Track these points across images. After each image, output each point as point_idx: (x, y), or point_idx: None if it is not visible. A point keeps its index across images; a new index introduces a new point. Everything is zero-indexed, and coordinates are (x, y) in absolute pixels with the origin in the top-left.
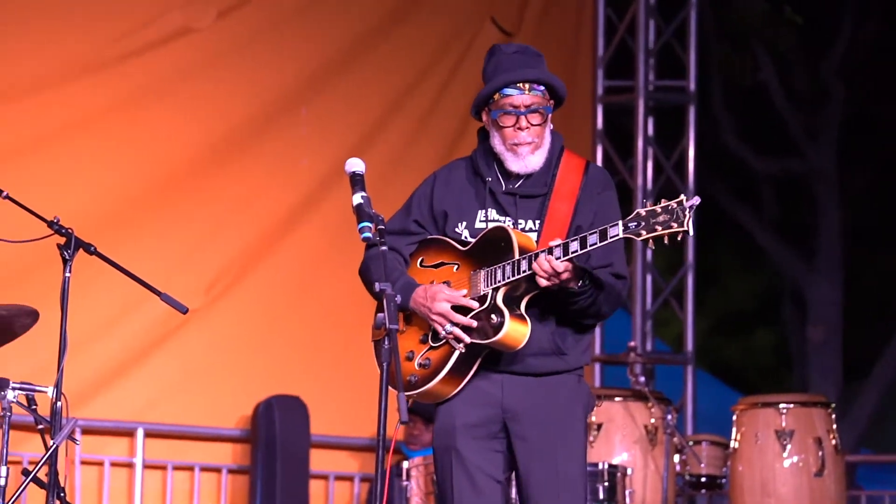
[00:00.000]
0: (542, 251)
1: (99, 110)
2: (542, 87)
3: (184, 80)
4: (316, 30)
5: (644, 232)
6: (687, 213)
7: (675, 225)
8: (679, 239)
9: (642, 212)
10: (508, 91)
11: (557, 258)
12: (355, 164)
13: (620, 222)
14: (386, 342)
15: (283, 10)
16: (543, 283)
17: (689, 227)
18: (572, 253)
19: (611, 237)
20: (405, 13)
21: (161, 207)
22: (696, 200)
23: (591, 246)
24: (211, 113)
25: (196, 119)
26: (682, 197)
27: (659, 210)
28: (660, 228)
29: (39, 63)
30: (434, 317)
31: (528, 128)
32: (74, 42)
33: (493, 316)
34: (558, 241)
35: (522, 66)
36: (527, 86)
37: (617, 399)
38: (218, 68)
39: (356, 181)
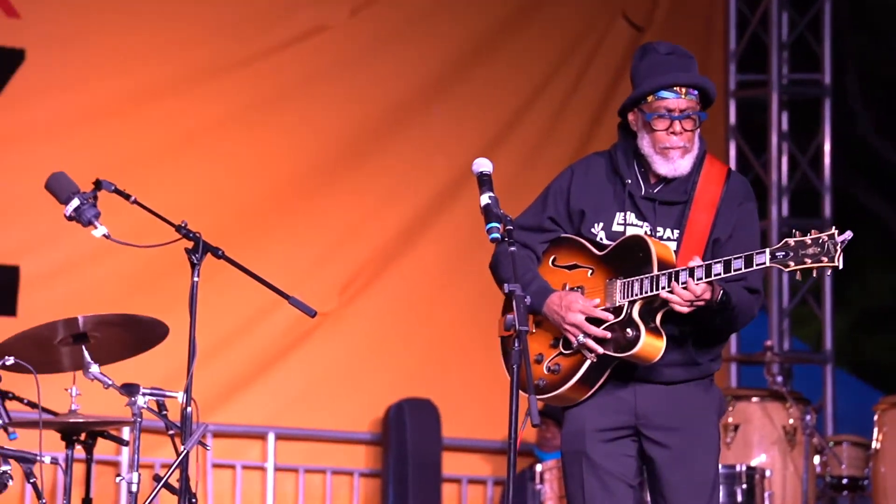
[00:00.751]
0: (682, 270)
1: (227, 114)
2: (696, 92)
3: (316, 79)
4: (447, 27)
5: (792, 263)
6: (838, 247)
7: (825, 259)
8: (829, 274)
9: (791, 242)
10: (664, 94)
11: (699, 279)
12: (482, 165)
13: (768, 251)
14: (515, 345)
15: (414, 7)
16: (679, 309)
17: (840, 262)
18: (714, 276)
19: (757, 265)
20: (535, 9)
21: (293, 210)
22: (848, 235)
23: (735, 271)
24: (343, 113)
25: (328, 120)
26: (834, 230)
27: (809, 242)
28: (809, 261)
29: (167, 68)
30: (567, 326)
31: (681, 133)
32: (202, 45)
33: (628, 330)
34: (699, 262)
35: (679, 69)
36: (683, 90)
37: (754, 400)
38: (350, 67)
39: (484, 181)
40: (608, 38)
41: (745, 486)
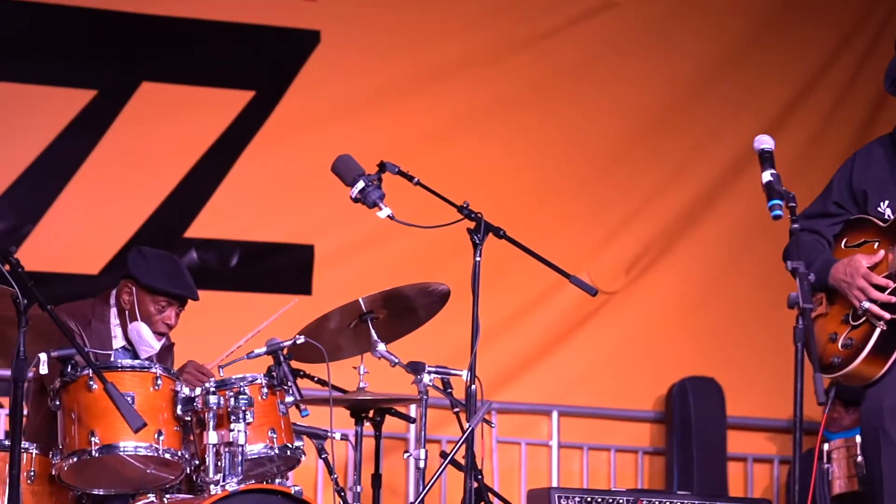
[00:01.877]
0: None
1: (510, 93)
2: None
3: (602, 57)
4: (731, 4)
5: None
6: None
7: None
8: None
9: None
10: None
11: None
12: (764, 141)
13: None
14: (799, 322)
15: None
16: None
17: None
18: None
19: None
20: None
21: (579, 190)
22: None
23: None
24: (629, 91)
25: (613, 98)
26: None
27: None
28: None
29: (454, 47)
30: (855, 292)
31: None
32: (488, 24)
33: None
34: None
35: None
36: None
37: None
38: (637, 43)
39: (765, 158)
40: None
41: None
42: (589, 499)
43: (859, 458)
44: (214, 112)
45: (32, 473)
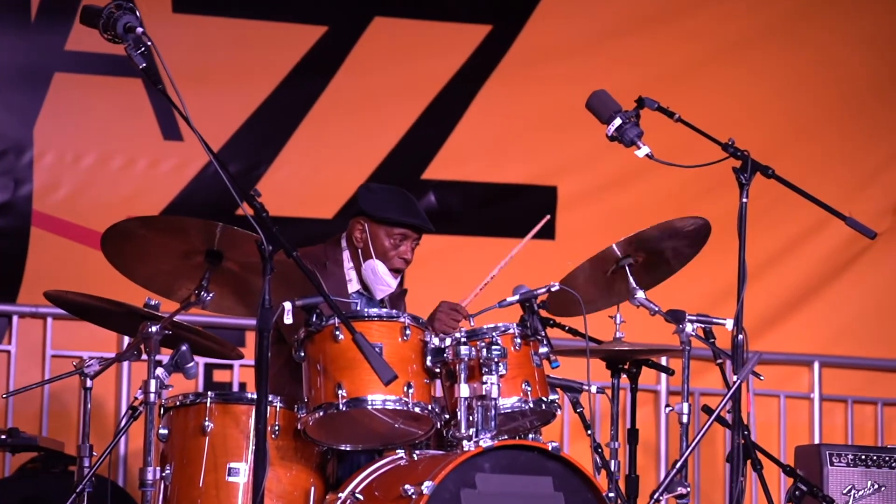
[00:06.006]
0: None
1: (771, 23)
2: None
3: None
4: None
5: None
6: None
7: None
8: None
9: None
10: None
11: None
12: None
13: None
14: None
15: None
16: None
17: None
18: None
19: None
20: None
21: (844, 126)
22: None
23: None
24: (893, 26)
25: (880, 30)
26: None
27: None
28: None
29: None
30: None
31: None
32: None
33: None
34: None
35: None
36: None
37: None
38: None
39: None
40: None
41: None
42: (863, 456)
43: None
44: (449, 48)
45: (277, 428)
